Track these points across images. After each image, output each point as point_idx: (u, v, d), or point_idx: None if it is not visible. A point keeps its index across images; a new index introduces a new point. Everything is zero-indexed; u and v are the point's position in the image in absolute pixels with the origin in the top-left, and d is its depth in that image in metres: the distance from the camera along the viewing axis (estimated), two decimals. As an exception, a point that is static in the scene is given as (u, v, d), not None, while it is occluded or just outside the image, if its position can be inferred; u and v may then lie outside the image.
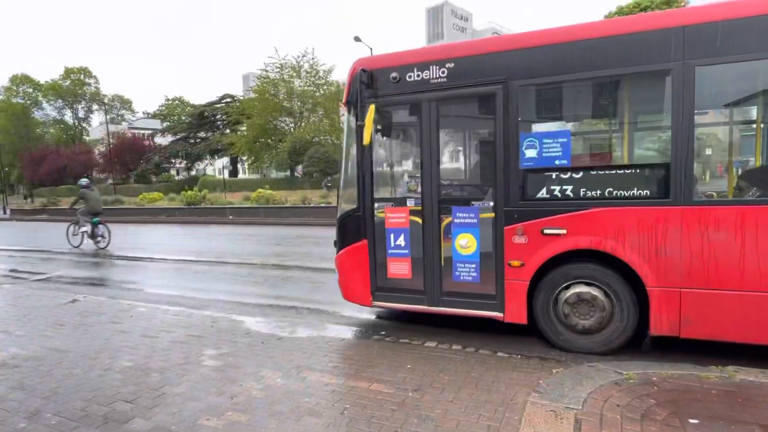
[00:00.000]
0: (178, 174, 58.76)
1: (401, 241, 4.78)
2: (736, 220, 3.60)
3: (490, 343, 4.42)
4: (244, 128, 42.19)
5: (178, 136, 51.63)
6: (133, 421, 3.08)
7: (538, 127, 4.54)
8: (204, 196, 26.06)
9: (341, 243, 5.13)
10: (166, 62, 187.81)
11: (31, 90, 63.26)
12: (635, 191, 3.88)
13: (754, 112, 4.49)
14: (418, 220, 4.71)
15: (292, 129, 40.54)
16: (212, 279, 8.39)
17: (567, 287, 4.19)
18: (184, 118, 57.40)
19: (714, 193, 4.41)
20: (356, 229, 4.92)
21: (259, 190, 24.71)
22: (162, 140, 55.74)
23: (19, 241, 16.18)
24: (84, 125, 67.63)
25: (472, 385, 3.47)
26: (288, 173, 41.45)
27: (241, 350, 4.36)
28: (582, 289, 4.13)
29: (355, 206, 4.93)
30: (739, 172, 4.43)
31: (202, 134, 50.58)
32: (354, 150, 4.89)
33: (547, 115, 4.73)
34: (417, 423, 2.94)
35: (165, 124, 60.60)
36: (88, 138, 66.46)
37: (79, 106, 64.70)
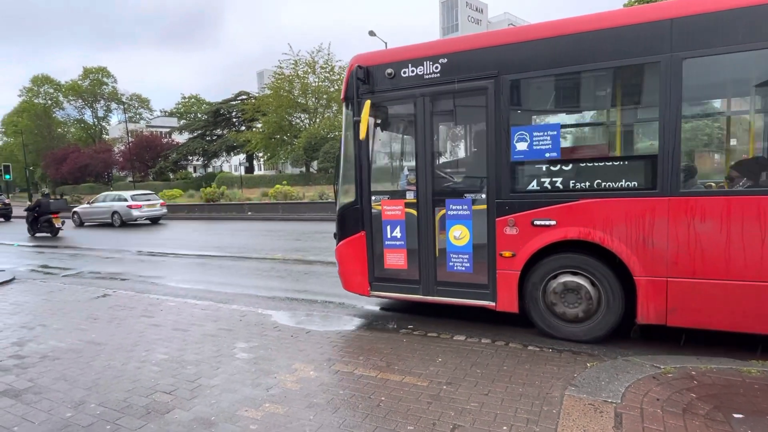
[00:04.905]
0: (195, 171, 59.63)
1: (397, 232, 4.91)
2: (721, 210, 3.63)
3: (519, 337, 4.40)
4: (259, 125, 42.52)
5: (195, 134, 52.36)
6: (174, 411, 3.15)
7: (529, 120, 4.60)
8: (222, 193, 26.42)
9: (340, 235, 5.29)
10: (181, 61, 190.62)
11: (51, 90, 64.76)
12: (623, 182, 3.94)
13: (742, 104, 4.55)
14: (414, 212, 4.83)
15: (307, 125, 40.73)
16: (236, 274, 8.51)
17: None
18: (200, 115, 58.16)
19: (712, 184, 4.40)
20: (354, 221, 5.08)
21: (277, 186, 24.91)
22: (179, 138, 56.59)
23: (47, 238, 16.61)
24: (103, 124, 69.00)
25: (506, 379, 3.46)
26: (303, 169, 41.69)
27: (272, 343, 4.42)
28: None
29: (353, 199, 5.07)
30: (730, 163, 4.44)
31: (218, 131, 51.20)
32: (351, 144, 5.02)
33: (537, 109, 4.78)
34: (454, 416, 2.95)
35: (182, 122, 61.51)
36: (107, 136, 67.77)
37: (98, 106, 65.98)
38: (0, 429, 3.02)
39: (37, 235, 16.96)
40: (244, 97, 49.21)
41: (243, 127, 47.44)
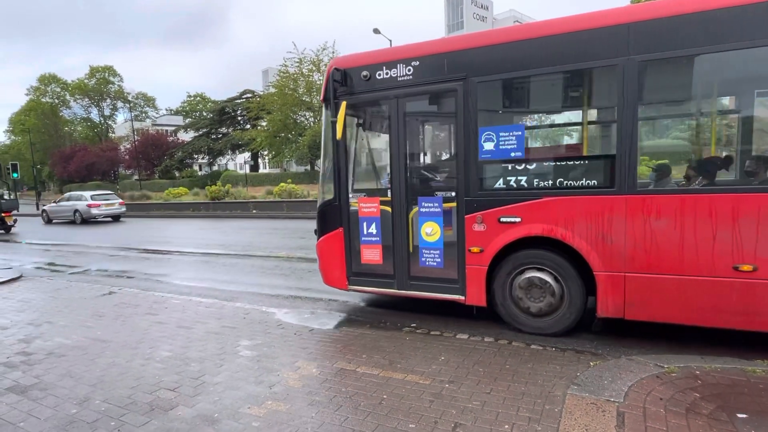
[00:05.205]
0: (200, 169, 59.83)
1: (373, 229, 5.10)
2: (675, 208, 3.75)
3: (522, 336, 4.40)
4: (264, 123, 42.58)
5: (200, 132, 52.44)
6: (178, 408, 3.18)
7: (495, 121, 4.71)
8: (227, 191, 26.51)
9: (321, 231, 5.49)
10: (186, 59, 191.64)
11: (59, 89, 65.12)
12: (584, 181, 4.08)
13: (699, 106, 4.69)
14: (389, 209, 4.98)
15: (312, 123, 40.74)
16: (240, 272, 8.55)
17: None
18: (206, 114, 58.36)
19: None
20: (333, 217, 5.27)
21: (282, 184, 24.96)
22: (185, 136, 56.80)
23: (53, 236, 16.78)
24: (110, 122, 69.29)
25: (508, 378, 3.46)
26: (308, 167, 41.73)
27: (275, 341, 4.44)
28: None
29: (332, 196, 5.26)
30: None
31: (223, 130, 51.27)
32: (330, 144, 5.17)
33: (503, 110, 4.88)
34: (456, 414, 2.95)
35: (187, 121, 61.70)
36: (113, 135, 68.09)
37: (105, 104, 66.27)
38: (6, 425, 3.06)
39: None
40: (249, 95, 49.22)
41: (248, 126, 47.47)
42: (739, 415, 2.77)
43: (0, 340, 4.76)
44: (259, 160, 56.02)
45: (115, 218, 23.09)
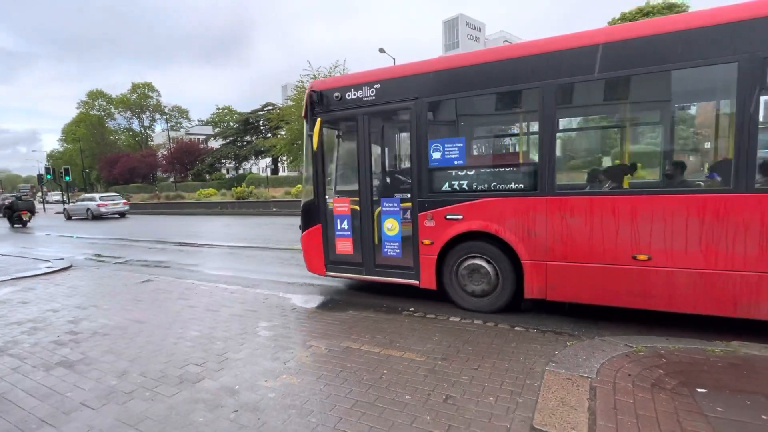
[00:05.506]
0: (228, 173, 60.02)
1: (345, 225, 5.37)
2: (586, 207, 3.94)
3: (508, 319, 4.38)
4: (283, 132, 42.62)
5: (227, 140, 52.67)
6: (203, 381, 3.20)
7: (442, 134, 4.89)
8: (251, 192, 26.63)
9: (304, 226, 5.70)
10: (215, 76, 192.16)
11: (104, 103, 65.63)
12: (513, 185, 4.30)
13: (608, 121, 5.07)
14: (357, 208, 5.22)
15: (325, 132, 40.68)
16: (262, 262, 8.57)
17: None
18: (232, 124, 58.48)
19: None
20: (313, 215, 5.52)
21: (299, 185, 25.00)
22: (214, 143, 57.02)
23: (100, 231, 16.93)
24: (149, 132, 69.75)
25: (494, 355, 3.45)
26: (322, 171, 41.72)
27: (291, 323, 4.45)
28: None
29: (312, 197, 5.50)
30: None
31: (248, 138, 51.40)
32: (310, 153, 5.39)
33: (448, 125, 5.06)
34: (447, 387, 2.95)
35: (216, 130, 61.89)
36: (152, 143, 68.48)
37: (144, 116, 66.72)
38: (55, 394, 3.10)
39: (15, 226, 20.11)
40: (270, 107, 49.19)
41: (269, 134, 47.47)
42: (699, 390, 2.75)
43: (51, 321, 4.82)
44: (279, 165, 56.06)
45: (122, 215, 24.90)
